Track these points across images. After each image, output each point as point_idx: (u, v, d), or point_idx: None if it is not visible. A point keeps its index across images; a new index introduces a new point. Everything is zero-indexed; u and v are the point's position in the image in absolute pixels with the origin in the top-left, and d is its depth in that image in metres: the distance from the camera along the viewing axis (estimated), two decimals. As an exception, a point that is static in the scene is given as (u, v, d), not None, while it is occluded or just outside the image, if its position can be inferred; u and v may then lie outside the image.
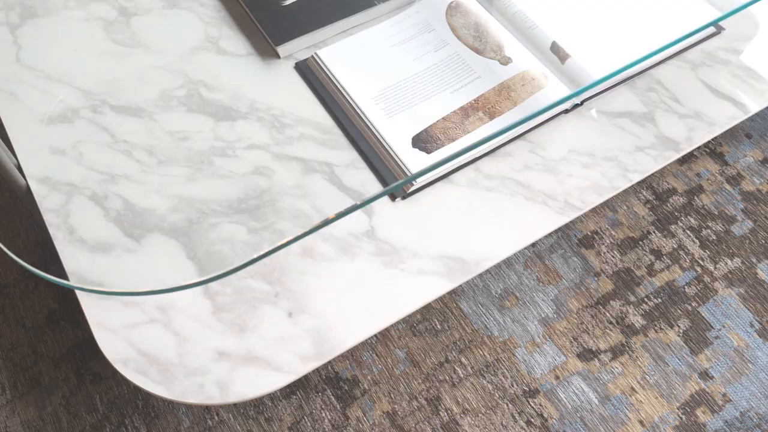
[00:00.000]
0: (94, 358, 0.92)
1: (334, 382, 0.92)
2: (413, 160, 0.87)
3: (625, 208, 1.07)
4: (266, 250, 0.70)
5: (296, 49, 1.00)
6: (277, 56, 0.99)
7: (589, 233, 1.05)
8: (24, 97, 0.96)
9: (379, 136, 0.89)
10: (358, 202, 0.72)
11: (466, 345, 0.94)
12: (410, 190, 0.86)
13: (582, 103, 0.94)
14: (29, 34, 1.03)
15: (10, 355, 0.92)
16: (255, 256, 0.71)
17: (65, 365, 0.92)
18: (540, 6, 1.01)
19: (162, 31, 1.03)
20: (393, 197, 0.86)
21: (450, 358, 0.93)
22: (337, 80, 0.95)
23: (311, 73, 0.97)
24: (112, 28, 1.03)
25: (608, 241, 1.04)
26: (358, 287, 0.80)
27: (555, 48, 0.96)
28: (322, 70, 0.96)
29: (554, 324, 0.96)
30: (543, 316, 0.96)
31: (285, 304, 0.79)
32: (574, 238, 1.05)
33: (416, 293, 0.80)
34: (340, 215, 0.72)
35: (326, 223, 0.70)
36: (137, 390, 0.92)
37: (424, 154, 0.88)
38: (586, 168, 0.90)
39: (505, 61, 0.95)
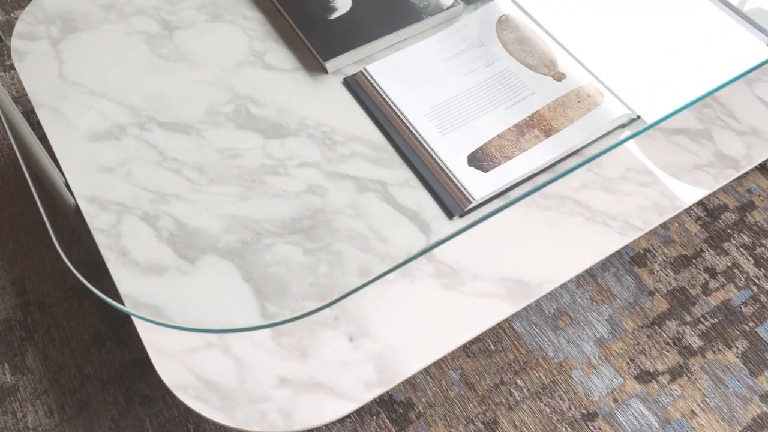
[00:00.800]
0: (142, 380, 0.91)
1: (388, 405, 0.91)
2: (470, 179, 0.85)
3: (676, 224, 1.06)
4: (348, 291, 0.69)
5: (344, 64, 0.98)
6: (325, 71, 0.98)
7: (641, 251, 1.03)
8: (69, 113, 0.94)
9: (433, 154, 0.87)
10: (433, 242, 0.70)
11: (521, 366, 0.93)
12: (467, 208, 0.84)
13: (638, 117, 0.92)
14: (71, 48, 1.02)
15: (57, 377, 0.90)
16: (334, 298, 0.69)
17: (113, 387, 0.90)
18: (595, 22, 0.99)
19: (206, 45, 1.01)
20: (450, 215, 0.84)
21: (505, 380, 0.91)
22: (387, 96, 0.93)
23: (360, 89, 0.95)
24: (155, 41, 1.02)
25: (661, 259, 1.03)
26: (419, 310, 0.78)
27: (610, 62, 0.94)
28: (372, 85, 0.95)
29: (610, 345, 0.94)
30: (598, 336, 0.95)
31: (345, 328, 0.77)
32: (626, 255, 1.03)
33: (478, 317, 0.78)
34: (413, 257, 0.70)
35: (401, 264, 0.68)
36: (188, 413, 0.90)
37: (480, 172, 0.86)
38: (645, 186, 0.88)
39: (559, 76, 0.94)
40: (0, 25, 1.27)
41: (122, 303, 0.77)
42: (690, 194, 0.87)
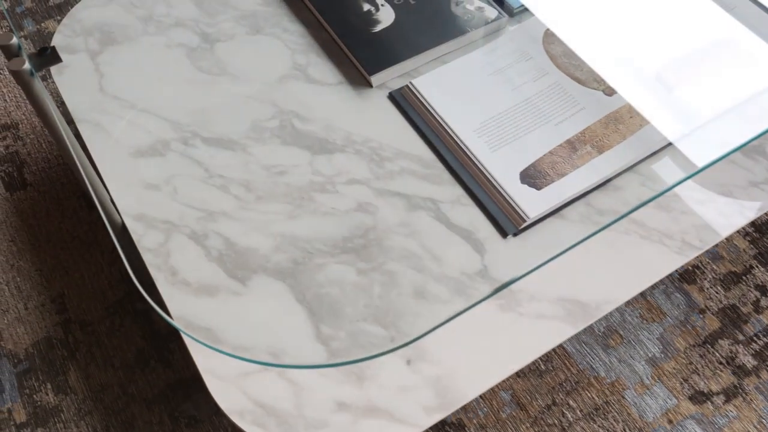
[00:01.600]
0: (188, 400, 0.89)
1: (439, 426, 0.89)
2: (523, 197, 0.84)
3: (724, 240, 1.04)
4: (433, 326, 0.67)
5: (388, 77, 0.96)
6: (369, 85, 0.96)
7: (690, 267, 1.02)
8: (111, 129, 0.93)
9: (485, 171, 0.86)
10: (502, 282, 0.69)
11: (573, 387, 0.91)
12: (521, 227, 0.83)
13: (690, 133, 0.90)
14: (110, 61, 1.00)
15: (101, 397, 0.89)
16: (423, 331, 0.67)
17: (158, 408, 0.89)
18: (642, 37, 0.98)
19: (247, 58, 1.00)
20: (504, 234, 0.83)
21: (557, 400, 0.90)
22: (435, 111, 0.92)
23: (406, 103, 0.94)
24: (195, 55, 1.00)
25: (710, 276, 1.01)
26: (477, 332, 0.76)
27: (661, 78, 0.93)
28: (418, 100, 0.93)
29: (662, 364, 0.93)
30: (650, 355, 0.93)
31: (402, 351, 0.76)
32: (675, 272, 1.01)
33: (537, 339, 0.77)
34: (507, 284, 0.68)
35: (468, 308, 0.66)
36: (235, 434, 0.89)
37: (533, 190, 0.84)
38: (701, 204, 0.86)
39: (610, 91, 0.92)
40: (30, 35, 1.26)
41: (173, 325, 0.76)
42: (746, 211, 0.86)
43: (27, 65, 0.60)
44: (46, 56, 0.61)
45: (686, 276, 1.01)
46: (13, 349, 0.93)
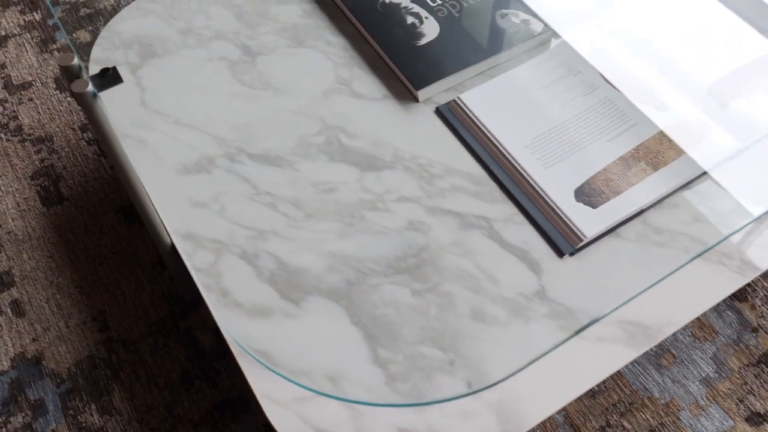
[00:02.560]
0: (235, 422, 0.88)
1: (493, 449, 0.87)
2: (579, 216, 0.82)
3: (774, 256, 1.03)
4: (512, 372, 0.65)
5: (434, 92, 0.95)
6: (416, 100, 0.95)
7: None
8: (155, 145, 0.91)
9: (538, 189, 0.84)
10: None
11: (627, 408, 0.89)
12: (578, 246, 0.81)
13: (746, 149, 0.89)
14: (151, 75, 0.99)
15: (146, 418, 0.87)
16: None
17: (205, 429, 0.87)
18: (692, 49, 0.96)
19: (290, 71, 0.99)
20: (561, 254, 0.81)
21: (611, 422, 0.88)
22: (484, 127, 0.90)
23: (454, 118, 0.93)
24: (237, 68, 0.99)
25: (762, 294, 1.00)
26: (537, 354, 0.75)
27: (713, 93, 0.91)
28: (467, 115, 0.92)
29: (717, 384, 0.91)
30: (704, 375, 0.92)
31: (462, 373, 0.74)
32: (726, 289, 1.00)
33: (600, 362, 0.75)
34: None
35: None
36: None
37: (589, 208, 0.83)
38: (761, 223, 0.85)
39: (662, 107, 0.91)
40: (63, 47, 1.25)
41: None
42: (806, 230, 0.84)
43: (90, 87, 0.59)
44: (108, 77, 0.60)
45: (737, 293, 1.00)
46: (56, 368, 0.92)
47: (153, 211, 0.79)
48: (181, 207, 0.86)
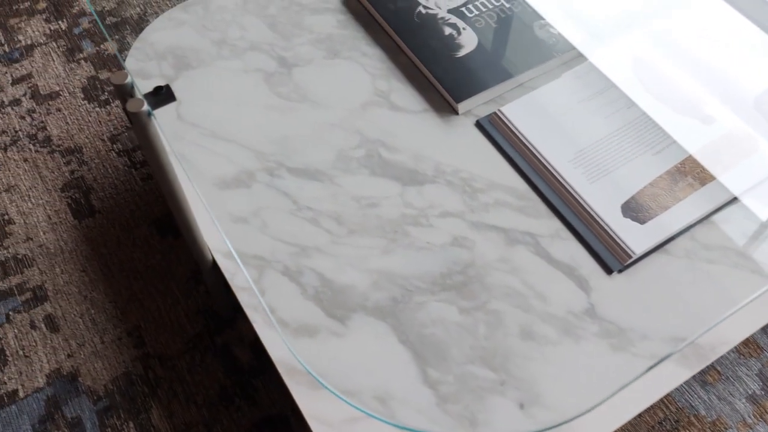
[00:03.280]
0: (276, 440, 0.86)
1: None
2: (627, 232, 0.81)
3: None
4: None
5: (475, 104, 0.94)
6: (455, 112, 0.94)
7: (784, 299, 0.99)
8: (193, 158, 0.90)
9: (584, 204, 0.83)
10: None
11: (673, 426, 0.88)
12: (627, 263, 0.80)
13: (793, 165, 0.88)
14: (186, 87, 0.98)
15: (186, 437, 0.86)
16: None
17: (246, 448, 0.86)
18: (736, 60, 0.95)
19: (327, 83, 0.97)
20: (609, 271, 0.80)
21: (658, 440, 0.87)
22: (527, 140, 0.89)
23: (495, 132, 0.91)
24: (273, 80, 0.98)
25: (806, 308, 0.98)
26: (590, 374, 0.73)
27: (759, 106, 0.90)
28: (508, 128, 0.90)
29: (764, 402, 0.90)
30: (750, 392, 0.90)
31: (514, 394, 0.73)
32: (769, 304, 0.99)
33: (652, 382, 0.74)
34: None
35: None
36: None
37: (637, 224, 0.81)
38: (811, 238, 0.83)
39: (708, 120, 0.89)
40: (90, 56, 1.24)
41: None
42: None
43: (146, 106, 0.58)
44: (162, 95, 0.58)
45: (781, 308, 0.98)
46: (92, 385, 0.90)
47: (196, 228, 0.78)
48: (221, 222, 0.85)
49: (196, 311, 0.97)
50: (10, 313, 0.99)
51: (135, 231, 1.05)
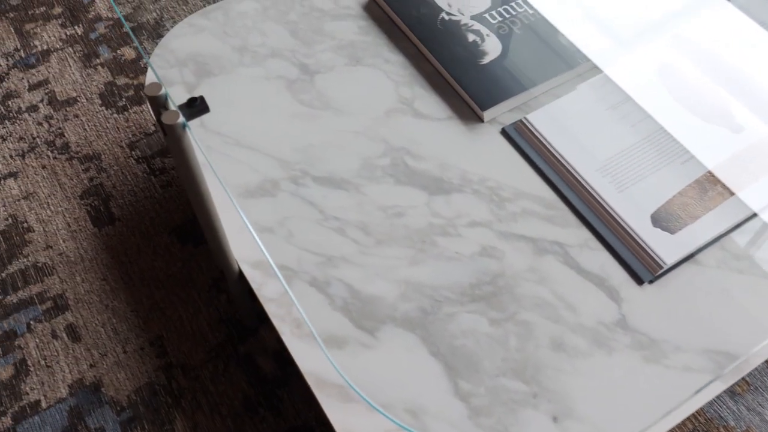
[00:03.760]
0: (301, 452, 0.86)
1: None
2: (657, 242, 0.80)
3: None
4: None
5: (500, 112, 0.93)
6: (480, 120, 0.93)
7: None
8: (216, 166, 0.89)
9: (613, 214, 0.82)
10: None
11: (703, 437, 0.87)
12: (658, 273, 0.79)
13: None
14: (208, 94, 0.97)
15: (211, 448, 0.85)
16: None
17: (272, 460, 0.86)
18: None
19: (350, 90, 0.97)
20: (640, 281, 0.79)
21: (688, 451, 0.86)
22: (554, 148, 0.88)
23: (521, 140, 0.90)
24: (296, 87, 0.97)
25: (835, 317, 0.97)
26: (623, 387, 0.73)
27: (791, 114, 0.89)
28: (535, 136, 0.90)
29: (793, 412, 0.89)
30: (779, 402, 0.90)
31: (547, 406, 0.72)
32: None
33: (686, 394, 0.73)
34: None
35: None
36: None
37: (667, 234, 0.81)
38: (843, 248, 0.82)
39: (737, 128, 0.88)
40: (107, 62, 1.23)
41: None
42: None
43: (181, 119, 0.57)
44: (196, 107, 0.58)
45: (809, 317, 0.98)
46: (115, 396, 0.90)
47: (224, 238, 0.77)
48: (247, 232, 0.84)
49: (218, 320, 0.97)
50: (31, 322, 0.98)
51: (155, 239, 1.05)
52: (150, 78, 0.99)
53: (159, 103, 0.61)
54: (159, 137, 1.16)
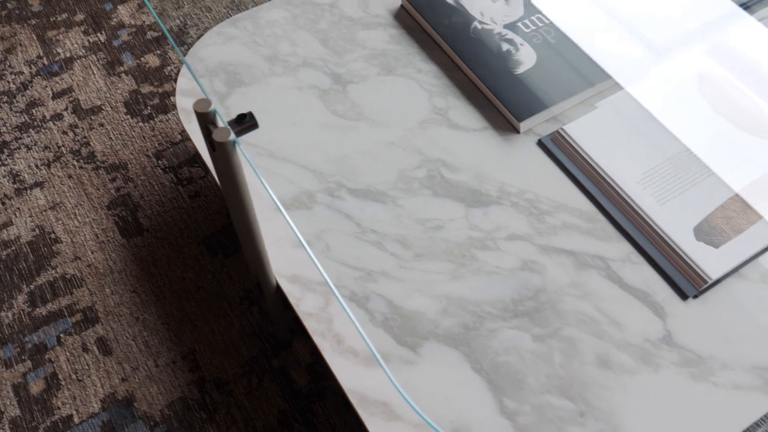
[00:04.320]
0: (338, 468, 0.85)
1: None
2: (701, 256, 0.79)
3: None
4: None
5: (536, 123, 0.92)
6: (516, 131, 0.92)
7: None
8: (249, 179, 0.88)
9: (655, 227, 0.81)
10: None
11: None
12: (702, 288, 0.78)
13: None
14: (240, 104, 0.96)
15: (247, 464, 0.84)
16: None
17: (309, 476, 0.84)
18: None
19: (383, 101, 0.95)
20: (684, 296, 0.78)
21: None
22: (592, 160, 0.87)
23: (559, 151, 0.89)
24: (328, 97, 0.96)
25: None
26: (670, 405, 0.71)
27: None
28: (572, 147, 0.88)
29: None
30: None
31: (593, 425, 0.71)
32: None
33: (737, 413, 0.72)
34: None
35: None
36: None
37: (711, 248, 0.79)
38: None
39: (779, 139, 0.87)
40: (131, 70, 1.22)
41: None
42: None
43: (232, 136, 0.56)
44: (246, 123, 0.57)
45: None
46: (148, 410, 0.89)
47: (264, 252, 0.76)
48: (283, 246, 0.83)
49: (250, 333, 0.95)
50: (61, 335, 0.97)
51: (184, 250, 1.03)
52: (181, 86, 0.97)
53: (208, 120, 0.60)
54: (185, 146, 1.15)
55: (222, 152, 0.59)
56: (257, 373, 0.92)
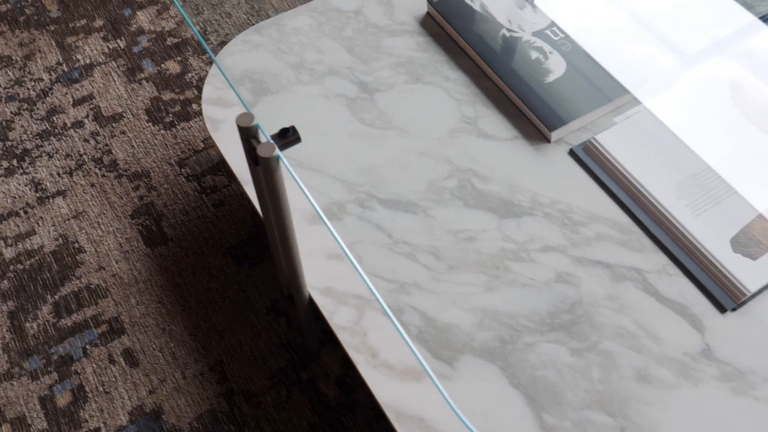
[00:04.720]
0: (370, 482, 0.84)
1: None
2: (739, 268, 0.78)
3: None
4: None
5: (567, 132, 0.91)
6: (547, 140, 0.91)
7: None
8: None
9: (691, 238, 0.80)
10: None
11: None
12: (741, 301, 0.77)
13: None
14: (267, 113, 0.95)
15: (278, 478, 0.83)
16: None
17: (340, 491, 0.84)
18: None
19: (411, 109, 0.95)
20: (722, 309, 0.77)
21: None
22: (625, 170, 0.86)
23: (591, 161, 0.88)
24: (356, 106, 0.95)
25: None
26: (711, 420, 0.71)
27: None
28: (604, 157, 0.87)
29: None
30: None
31: (634, 442, 0.70)
32: None
33: (779, 428, 0.71)
34: None
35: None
36: None
37: (748, 260, 0.78)
38: None
39: (814, 148, 0.86)
40: (151, 77, 1.21)
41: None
42: None
43: (277, 151, 0.55)
44: (289, 137, 0.56)
45: None
46: (177, 423, 0.88)
47: (299, 265, 0.75)
48: (315, 258, 0.82)
49: (278, 345, 0.95)
50: (87, 346, 0.97)
51: (209, 260, 1.03)
52: (207, 94, 0.97)
53: (250, 134, 0.59)
54: (208, 154, 1.14)
55: (266, 167, 0.58)
56: (286, 385, 0.91)
